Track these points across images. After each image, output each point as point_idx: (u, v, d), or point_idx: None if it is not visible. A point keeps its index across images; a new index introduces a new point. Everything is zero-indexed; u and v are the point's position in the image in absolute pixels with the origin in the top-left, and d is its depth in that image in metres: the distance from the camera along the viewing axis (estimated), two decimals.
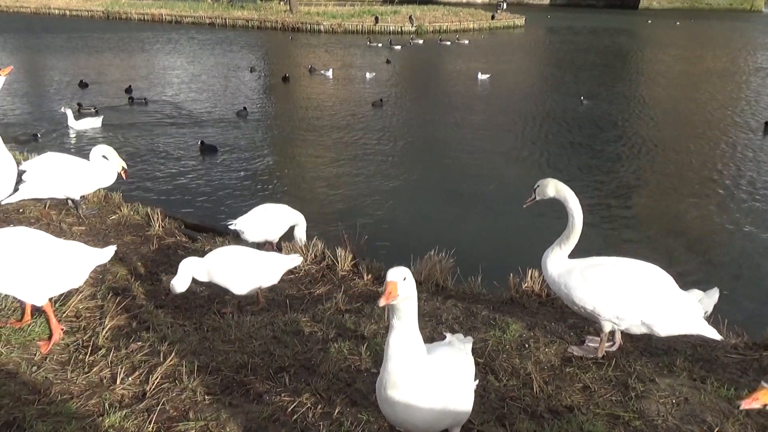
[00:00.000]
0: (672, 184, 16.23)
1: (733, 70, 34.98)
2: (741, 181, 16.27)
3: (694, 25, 65.58)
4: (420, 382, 3.27)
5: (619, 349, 5.27)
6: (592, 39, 52.08)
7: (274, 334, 5.43)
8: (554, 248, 5.10)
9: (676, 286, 4.93)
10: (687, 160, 18.21)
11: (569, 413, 4.29)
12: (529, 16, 67.94)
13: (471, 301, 6.44)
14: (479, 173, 16.74)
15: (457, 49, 44.21)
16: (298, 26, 57.39)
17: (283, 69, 33.12)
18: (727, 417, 4.30)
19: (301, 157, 18.50)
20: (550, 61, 39.69)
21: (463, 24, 60.54)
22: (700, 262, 11.79)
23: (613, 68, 35.49)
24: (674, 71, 35.44)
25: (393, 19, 58.72)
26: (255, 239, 7.91)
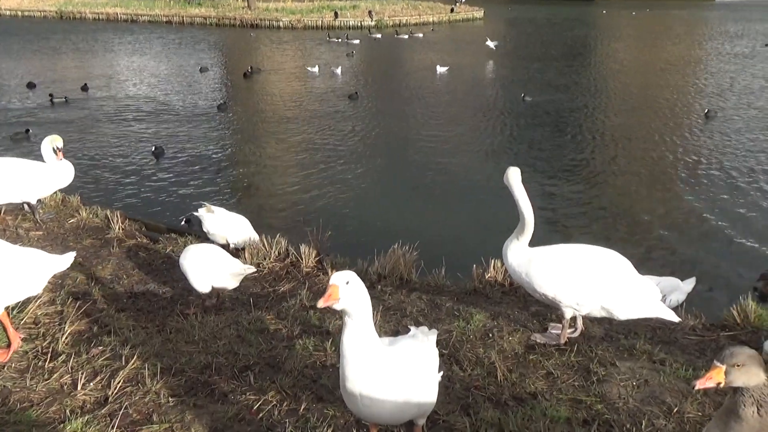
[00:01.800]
0: (628, 173, 16.48)
1: (687, 60, 35.62)
2: (692, 167, 16.60)
3: (649, 15, 66.61)
4: (379, 376, 3.29)
5: (581, 335, 5.36)
6: (550, 30, 52.61)
7: (239, 333, 5.41)
8: (513, 238, 5.15)
9: (634, 270, 5.02)
10: (641, 148, 18.49)
11: (533, 400, 4.36)
12: (489, 8, 68.31)
13: (435, 293, 6.48)
14: (441, 165, 16.82)
15: (415, 43, 44.26)
16: (257, 23, 56.82)
17: (243, 66, 32.81)
18: (685, 397, 4.41)
19: (263, 154, 18.36)
20: (508, 53, 39.97)
21: (423, 17, 60.57)
22: (657, 247, 11.99)
23: (569, 59, 35.85)
24: (630, 61, 35.95)
25: (353, 14, 58.48)
26: (215, 232, 7.87)
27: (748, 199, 14.27)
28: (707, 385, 2.62)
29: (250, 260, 7.43)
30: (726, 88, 27.02)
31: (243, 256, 7.53)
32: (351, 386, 3.30)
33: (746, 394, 2.59)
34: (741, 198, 14.36)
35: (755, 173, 16.01)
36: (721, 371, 2.60)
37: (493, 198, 12.89)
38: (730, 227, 12.74)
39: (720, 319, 6.12)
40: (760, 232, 12.53)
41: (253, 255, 7.58)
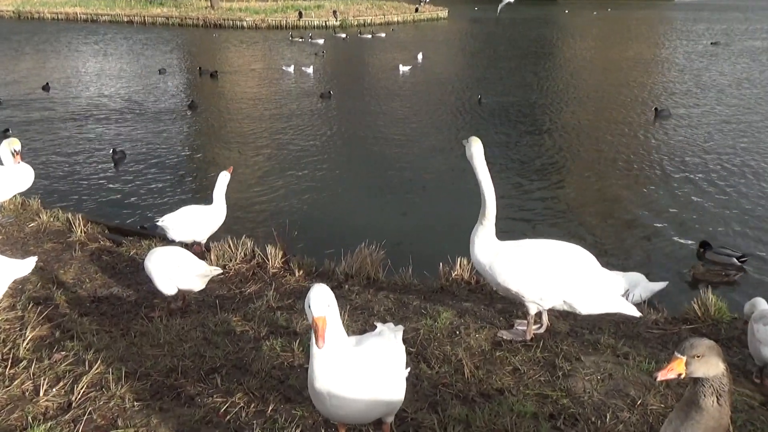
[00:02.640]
0: (587, 169, 16.74)
1: (644, 59, 36.23)
2: (647, 164, 16.93)
3: (610, 14, 67.63)
4: (347, 375, 3.28)
5: (546, 330, 5.42)
6: (513, 30, 53.10)
7: (205, 335, 5.36)
8: (477, 226, 5.12)
9: (598, 264, 5.09)
10: (601, 146, 18.79)
11: (500, 396, 4.39)
12: (454, 8, 68.70)
13: (402, 292, 6.50)
14: (407, 164, 16.86)
15: (378, 43, 44.32)
16: (221, 23, 56.33)
17: (206, 66, 32.52)
18: (648, 389, 4.48)
19: (228, 155, 18.21)
20: (470, 53, 40.28)
21: (388, 17, 60.68)
22: (618, 241, 12.19)
23: (532, 59, 36.24)
24: (589, 61, 36.47)
25: (317, 14, 58.33)
26: (181, 238, 7.76)
27: (705, 196, 14.58)
28: (668, 376, 2.67)
29: (216, 262, 7.37)
30: (677, 86, 27.67)
31: (209, 257, 7.46)
32: (320, 385, 3.29)
33: (706, 385, 2.65)
34: (697, 194, 14.68)
35: (709, 170, 16.34)
36: (682, 362, 2.65)
37: (459, 196, 12.96)
38: (688, 222, 13.00)
39: (681, 312, 6.24)
40: (717, 225, 12.79)
41: (219, 256, 7.52)
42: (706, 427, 2.64)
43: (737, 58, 35.66)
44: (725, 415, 2.67)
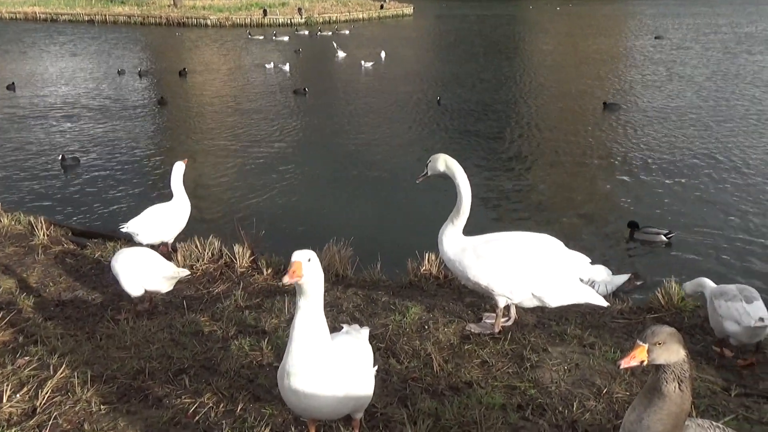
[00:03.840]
0: (552, 161, 16.93)
1: (602, 54, 36.70)
2: (608, 155, 17.20)
3: (573, 9, 68.34)
4: (321, 367, 3.28)
5: (514, 323, 5.47)
6: (478, 27, 53.38)
7: (172, 336, 5.31)
8: (447, 225, 5.20)
9: (565, 249, 5.14)
10: (557, 140, 18.99)
11: (469, 388, 4.43)
12: (420, 4, 68.83)
13: (371, 288, 6.50)
14: (373, 160, 16.86)
15: (341, 39, 44.21)
16: (184, 21, 55.67)
17: (172, 66, 32.17)
18: (614, 378, 4.56)
19: (193, 153, 18.01)
20: (434, 50, 40.46)
21: (353, 14, 60.59)
22: (583, 231, 12.35)
23: (495, 56, 36.47)
24: (550, 57, 36.81)
25: (282, 12, 57.99)
26: (150, 241, 7.67)
27: (663, 188, 14.81)
28: (631, 363, 2.72)
29: (183, 262, 7.31)
30: (626, 80, 28.25)
31: (176, 258, 7.39)
32: (294, 377, 3.26)
33: (668, 371, 2.70)
34: (652, 185, 14.92)
35: (661, 160, 16.64)
36: (644, 350, 2.70)
37: (425, 192, 13.01)
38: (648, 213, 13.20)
39: (646, 302, 6.36)
40: (677, 216, 13.02)
41: (186, 257, 7.46)
42: (668, 413, 2.70)
43: (681, 52, 36.42)
44: (687, 401, 2.72)
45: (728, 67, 30.85)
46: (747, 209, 13.24)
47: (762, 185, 14.68)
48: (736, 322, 4.86)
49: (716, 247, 11.63)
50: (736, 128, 19.68)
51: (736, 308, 4.89)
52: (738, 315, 4.86)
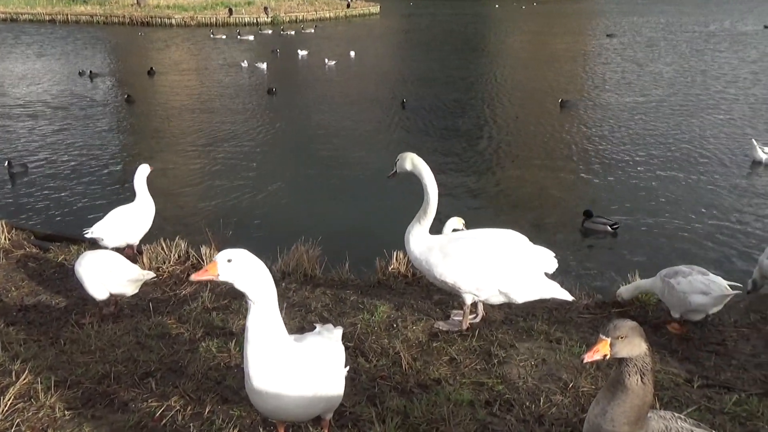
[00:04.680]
0: (515, 158, 17.10)
1: (569, 52, 37.19)
2: (567, 151, 17.44)
3: (537, 8, 69.02)
4: (285, 368, 3.25)
5: (482, 320, 5.52)
6: (445, 25, 53.61)
7: (138, 339, 5.25)
8: (414, 224, 5.23)
9: (530, 244, 5.19)
10: (526, 136, 19.23)
11: (437, 385, 4.45)
12: (387, 3, 68.89)
13: (340, 288, 6.50)
14: (342, 160, 16.84)
15: (306, 39, 44.08)
16: (148, 20, 54.99)
17: (137, 67, 31.75)
18: (580, 372, 4.62)
19: (159, 154, 17.80)
20: (403, 48, 40.55)
21: (320, 13, 60.45)
22: (547, 227, 12.49)
23: (460, 55, 36.67)
24: (514, 56, 37.22)
25: (248, 11, 57.62)
26: (115, 244, 7.56)
27: (618, 181, 15.07)
28: (595, 357, 2.77)
29: (149, 264, 7.22)
30: (581, 78, 28.73)
31: (141, 260, 7.30)
32: (258, 380, 3.24)
33: (630, 365, 2.75)
34: (609, 179, 15.17)
35: (617, 156, 16.90)
36: (606, 344, 2.75)
37: (393, 191, 13.05)
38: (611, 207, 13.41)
39: (611, 297, 6.46)
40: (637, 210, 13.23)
41: (152, 259, 7.37)
42: (631, 405, 2.74)
43: (631, 50, 37.17)
44: (649, 393, 2.77)
45: (679, 63, 31.50)
46: (694, 200, 13.59)
47: (709, 176, 15.05)
48: (703, 293, 5.19)
49: (665, 237, 11.88)
50: (684, 122, 20.18)
51: (700, 281, 5.23)
52: (704, 286, 5.20)
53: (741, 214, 12.74)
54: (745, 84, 26.44)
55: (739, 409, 4.19)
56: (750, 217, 12.56)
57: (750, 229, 12.06)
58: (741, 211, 12.89)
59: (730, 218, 12.55)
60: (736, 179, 14.87)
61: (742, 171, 15.40)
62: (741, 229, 12.10)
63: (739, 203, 13.34)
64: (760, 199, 13.57)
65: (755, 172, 15.42)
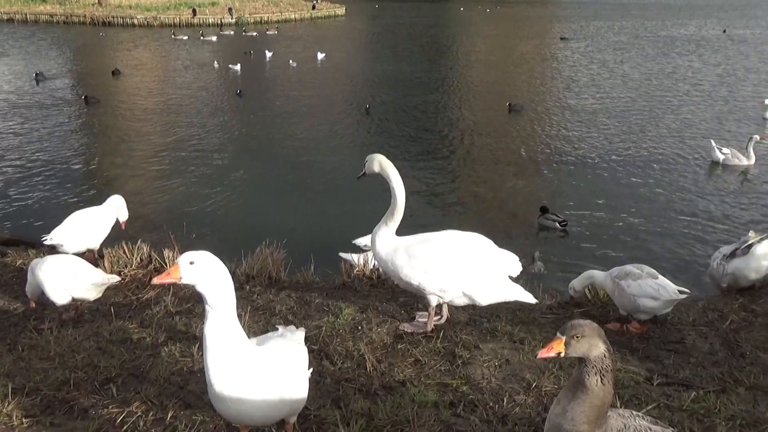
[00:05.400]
0: (475, 160, 17.24)
1: (536, 56, 37.62)
2: (527, 155, 17.63)
3: (501, 11, 69.68)
4: (246, 373, 3.24)
5: (447, 321, 5.55)
6: (410, 28, 53.79)
7: (99, 345, 5.17)
8: (381, 226, 5.24)
9: (495, 248, 5.24)
10: (484, 138, 19.36)
11: (402, 387, 4.46)
12: (352, 5, 68.89)
13: (305, 290, 6.48)
14: (307, 162, 16.78)
15: (270, 40, 43.84)
16: (110, 20, 54.15)
17: (97, 68, 31.23)
18: (543, 372, 4.67)
19: (120, 156, 17.54)
20: (369, 50, 40.59)
21: (285, 14, 60.18)
22: (507, 228, 12.60)
23: (425, 56, 36.84)
24: (476, 59, 37.48)
25: (212, 11, 57.12)
26: (76, 249, 7.43)
27: (571, 180, 15.28)
28: (548, 354, 2.82)
29: (111, 268, 7.11)
30: (532, 81, 29.08)
31: (103, 264, 7.18)
32: (219, 386, 3.22)
33: (590, 365, 2.79)
34: (563, 178, 15.40)
35: (569, 157, 17.16)
36: (561, 342, 2.79)
37: (357, 194, 13.07)
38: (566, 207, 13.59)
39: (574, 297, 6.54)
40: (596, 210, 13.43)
41: (114, 263, 7.25)
42: (591, 405, 2.79)
43: (583, 53, 37.83)
44: (609, 393, 2.82)
45: (625, 67, 32.03)
46: (653, 200, 13.86)
47: (668, 176, 15.36)
48: (653, 298, 5.33)
49: (624, 235, 12.08)
50: (641, 124, 20.60)
51: (648, 285, 5.37)
52: (654, 291, 5.34)
53: (696, 213, 13.01)
54: (705, 87, 27.01)
55: (697, 406, 4.28)
56: (704, 215, 12.84)
57: (704, 228, 12.32)
58: (696, 210, 13.17)
59: (686, 217, 12.80)
60: (694, 179, 15.18)
61: (700, 171, 15.73)
62: (695, 227, 12.35)
63: (696, 203, 13.63)
64: (715, 198, 13.88)
65: (713, 172, 15.76)
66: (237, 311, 3.48)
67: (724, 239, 11.59)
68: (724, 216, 12.86)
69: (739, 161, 15.64)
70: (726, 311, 6.03)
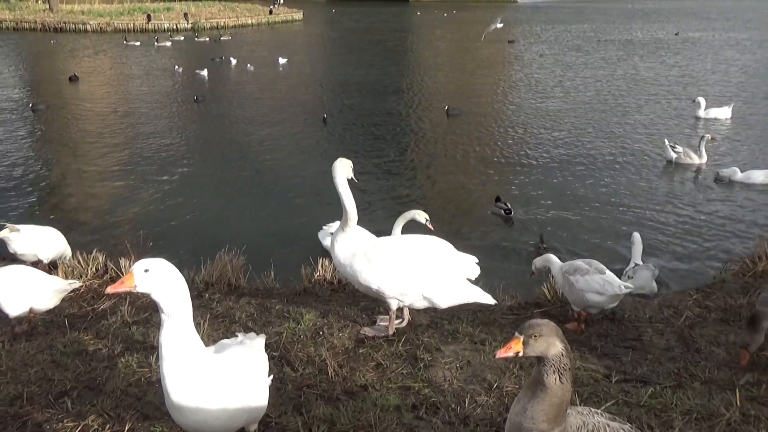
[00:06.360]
0: (446, 165, 17.29)
1: (494, 60, 38.00)
2: (482, 157, 17.76)
3: (458, 16, 70.23)
4: (204, 382, 3.19)
5: (408, 324, 5.55)
6: (367, 33, 53.87)
7: (53, 357, 5.04)
8: (338, 231, 5.24)
9: (454, 251, 5.27)
10: (439, 142, 19.39)
11: (364, 392, 4.45)
12: (310, 10, 68.72)
13: (265, 297, 6.43)
14: (265, 168, 16.60)
15: (225, 45, 43.43)
16: (61, 26, 52.98)
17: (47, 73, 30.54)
18: (504, 372, 4.71)
19: (73, 164, 17.15)
20: (327, 55, 40.55)
21: (241, 20, 59.66)
22: (469, 229, 12.68)
23: (381, 60, 36.89)
24: (435, 61, 37.73)
25: (167, 17, 56.36)
26: (24, 251, 7.28)
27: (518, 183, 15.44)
28: (507, 354, 2.84)
29: (65, 280, 6.94)
30: (481, 87, 29.28)
31: (56, 275, 7.01)
32: (176, 396, 3.17)
33: (548, 364, 2.82)
34: (506, 181, 15.53)
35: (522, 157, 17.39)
36: (519, 342, 2.82)
37: (318, 199, 13.01)
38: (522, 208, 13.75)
39: (533, 297, 6.63)
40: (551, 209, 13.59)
41: (68, 273, 7.10)
42: (550, 404, 2.81)
43: (529, 56, 38.43)
44: (567, 392, 2.85)
45: (568, 71, 32.43)
46: (607, 197, 14.01)
47: (623, 175, 15.60)
48: (598, 293, 5.50)
49: (580, 232, 12.21)
50: (579, 124, 20.95)
51: (595, 281, 5.54)
52: (599, 286, 5.51)
53: (646, 210, 13.24)
54: (654, 87, 27.48)
55: (655, 402, 4.35)
56: (653, 212, 13.06)
57: (653, 224, 12.54)
58: (647, 207, 13.40)
59: (635, 212, 12.98)
60: (647, 177, 15.44)
61: (654, 170, 16.01)
62: (644, 223, 12.54)
63: (647, 200, 13.84)
64: (666, 196, 14.12)
65: (666, 170, 16.07)
66: (196, 319, 3.44)
67: (670, 234, 11.87)
68: (673, 213, 13.11)
69: (691, 160, 15.97)
70: (681, 308, 6.17)
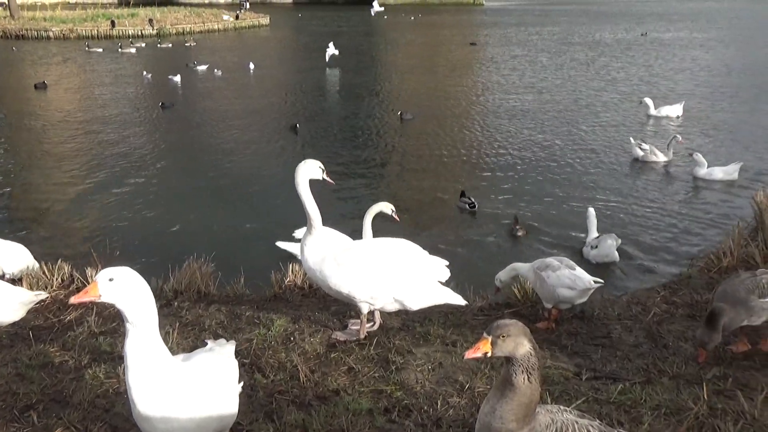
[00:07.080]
0: (411, 167, 17.32)
1: (463, 62, 38.22)
2: (448, 159, 17.84)
3: (425, 19, 70.46)
4: (171, 390, 3.15)
5: (380, 328, 5.55)
6: (335, 37, 53.82)
7: (18, 370, 4.94)
8: (306, 235, 5.21)
9: (425, 253, 5.28)
10: (399, 146, 19.43)
11: (336, 396, 4.44)
12: (276, 15, 68.45)
13: (235, 304, 6.38)
14: (233, 175, 16.46)
15: (191, 51, 43.09)
16: (23, 33, 52.04)
17: (9, 81, 30.00)
18: (475, 373, 4.73)
19: (35, 172, 16.86)
20: (295, 60, 40.46)
21: (207, 25, 59.22)
22: (436, 226, 12.72)
23: (348, 63, 36.86)
24: (405, 63, 37.83)
25: (131, 23, 55.68)
26: None
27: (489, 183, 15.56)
28: (475, 355, 2.86)
29: (30, 290, 6.81)
30: (439, 90, 29.40)
31: (20, 286, 6.87)
32: (142, 406, 3.13)
33: (516, 364, 2.84)
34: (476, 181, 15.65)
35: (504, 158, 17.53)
36: (488, 342, 2.83)
37: (287, 205, 12.93)
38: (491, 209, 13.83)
39: (504, 297, 6.66)
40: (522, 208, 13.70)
41: (32, 285, 6.96)
42: (519, 403, 2.83)
43: (492, 58, 38.74)
44: (536, 391, 2.87)
45: (539, 72, 32.75)
46: (577, 195, 14.21)
47: (592, 174, 15.81)
48: (569, 288, 5.62)
49: (551, 230, 12.35)
50: (561, 123, 21.19)
51: (566, 276, 5.66)
52: (570, 281, 5.63)
53: (613, 206, 13.45)
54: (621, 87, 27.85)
55: (624, 398, 4.40)
56: (618, 208, 13.28)
57: (620, 220, 12.74)
58: (614, 203, 13.62)
59: (603, 210, 13.11)
60: (614, 175, 15.67)
61: (620, 168, 16.25)
62: (612, 220, 12.74)
63: (614, 196, 14.07)
64: (632, 194, 14.35)
65: (633, 167, 16.33)
66: (165, 328, 3.40)
67: (637, 231, 12.07)
68: (640, 209, 13.31)
69: (656, 158, 16.24)
70: (649, 304, 6.25)
